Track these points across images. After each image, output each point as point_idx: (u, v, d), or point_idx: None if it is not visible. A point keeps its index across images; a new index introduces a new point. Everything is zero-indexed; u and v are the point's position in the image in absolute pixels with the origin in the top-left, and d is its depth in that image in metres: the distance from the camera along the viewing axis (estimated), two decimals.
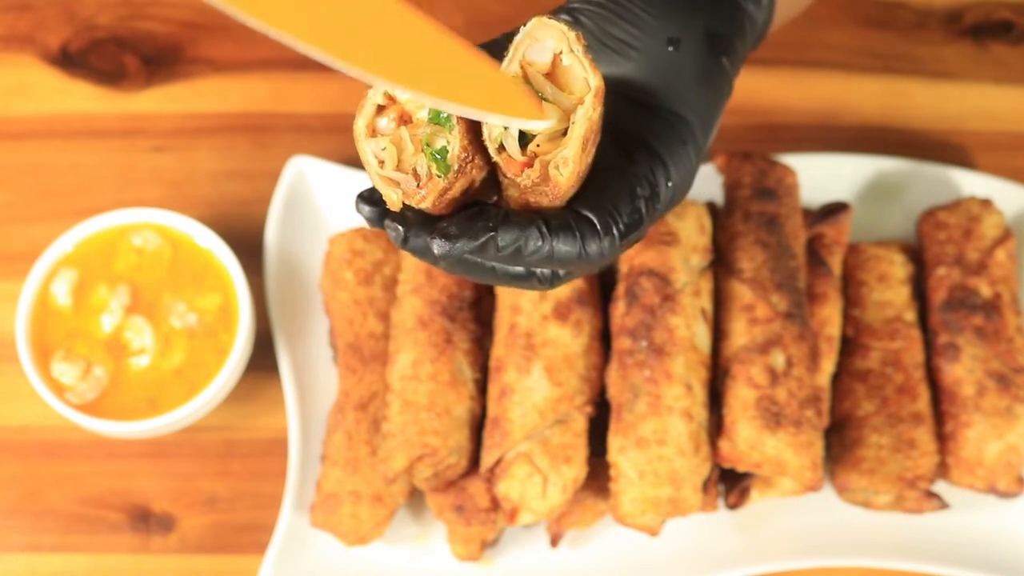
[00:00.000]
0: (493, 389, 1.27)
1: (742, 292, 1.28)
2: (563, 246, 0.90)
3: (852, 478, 1.30)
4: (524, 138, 0.87)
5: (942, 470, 1.32)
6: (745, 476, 1.30)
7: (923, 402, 1.32)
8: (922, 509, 1.32)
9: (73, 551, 1.36)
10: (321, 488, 1.31)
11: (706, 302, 1.28)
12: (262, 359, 1.40)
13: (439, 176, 0.86)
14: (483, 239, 0.88)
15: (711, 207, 1.36)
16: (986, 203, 1.38)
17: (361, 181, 1.44)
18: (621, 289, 1.28)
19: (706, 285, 1.29)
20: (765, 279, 1.28)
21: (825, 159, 1.44)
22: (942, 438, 1.32)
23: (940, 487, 1.34)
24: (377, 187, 0.89)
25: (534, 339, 1.26)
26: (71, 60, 1.54)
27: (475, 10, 1.57)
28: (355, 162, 1.48)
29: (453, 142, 0.86)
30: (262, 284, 1.41)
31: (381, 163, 0.88)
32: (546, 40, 0.87)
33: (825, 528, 1.33)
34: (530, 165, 0.87)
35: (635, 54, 0.97)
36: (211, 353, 1.34)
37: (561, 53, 0.87)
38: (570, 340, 1.26)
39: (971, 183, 1.44)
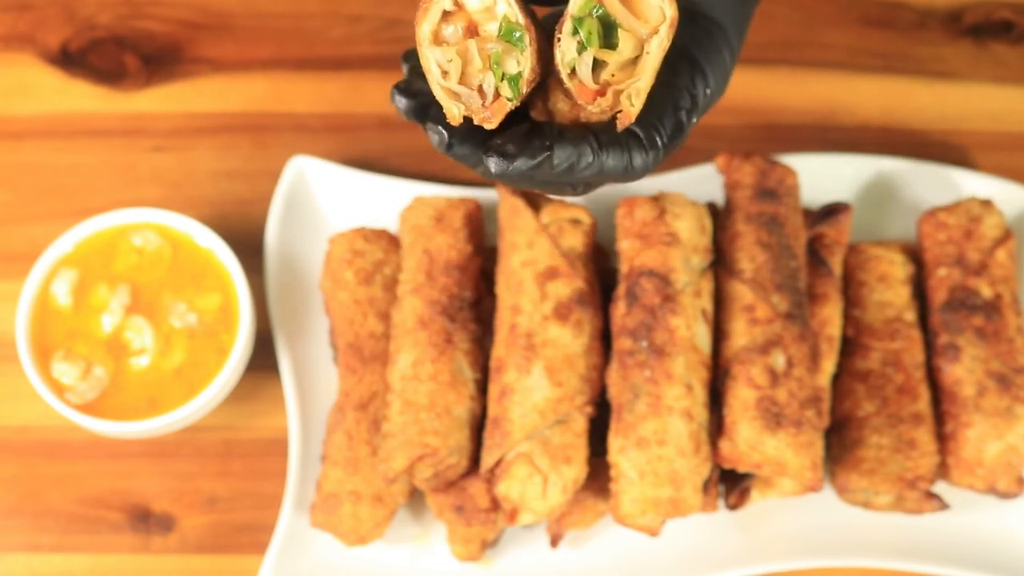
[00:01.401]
0: (493, 389, 1.27)
1: (743, 292, 1.29)
2: (612, 161, 0.90)
3: (852, 478, 1.30)
4: (596, 64, 0.86)
5: (942, 470, 1.32)
6: (745, 476, 1.30)
7: (923, 402, 1.32)
8: (922, 509, 1.32)
9: (73, 551, 1.36)
10: (321, 488, 1.31)
11: (707, 302, 1.28)
12: (262, 359, 1.40)
13: (509, 99, 0.85)
14: (540, 159, 0.89)
15: (712, 207, 1.36)
16: (987, 203, 1.38)
17: (362, 182, 1.44)
18: (621, 289, 1.28)
19: (707, 285, 1.29)
20: (765, 279, 1.28)
21: (825, 159, 1.44)
22: (942, 438, 1.32)
23: (940, 487, 1.34)
24: (438, 98, 0.86)
25: (534, 339, 1.26)
26: (71, 60, 1.54)
27: None
28: (356, 162, 1.48)
29: (525, 64, 0.85)
30: (262, 284, 1.41)
31: (445, 74, 0.86)
32: None
33: (825, 528, 1.33)
34: (602, 93, 0.86)
35: None
36: (211, 353, 1.34)
37: None
38: (570, 340, 1.26)
39: (971, 183, 1.44)
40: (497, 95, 0.86)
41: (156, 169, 1.49)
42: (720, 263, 1.31)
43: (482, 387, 1.30)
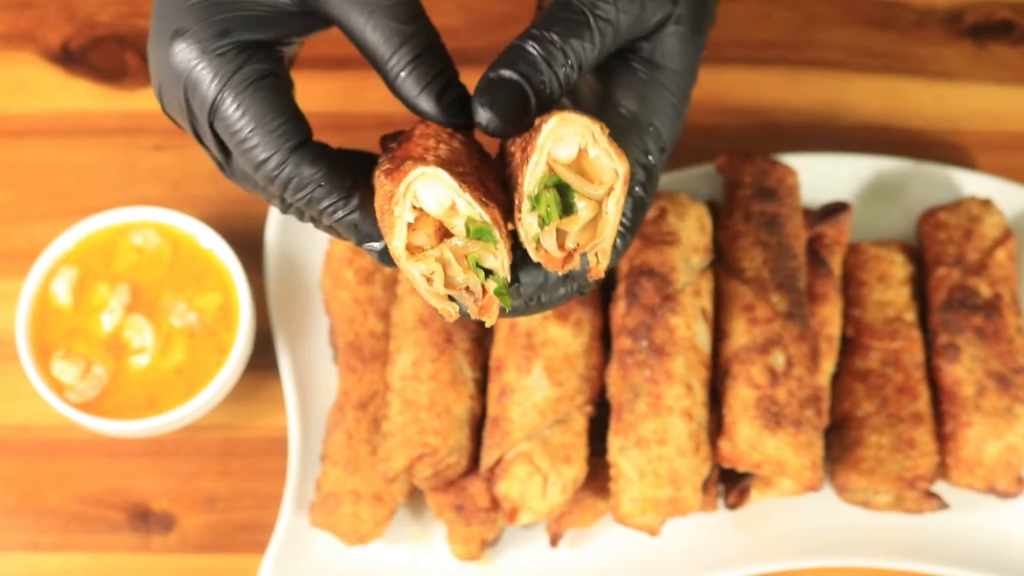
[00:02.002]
0: (493, 389, 1.27)
1: (742, 292, 1.29)
2: (581, 267, 0.92)
3: (852, 478, 1.31)
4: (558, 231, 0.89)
5: (942, 470, 1.32)
6: (745, 476, 1.30)
7: (923, 402, 1.33)
8: (922, 509, 1.32)
9: (73, 550, 1.36)
10: (321, 487, 1.31)
11: (706, 302, 1.28)
12: (262, 358, 1.40)
13: (498, 293, 0.88)
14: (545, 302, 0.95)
15: (712, 207, 1.36)
16: (986, 203, 1.38)
17: None
18: (621, 289, 1.28)
19: (706, 285, 1.29)
20: (765, 279, 1.28)
21: (825, 159, 1.44)
22: (942, 438, 1.32)
23: (940, 487, 1.34)
24: (430, 302, 0.90)
25: (534, 339, 1.26)
26: (72, 58, 1.54)
27: (476, 10, 1.57)
28: None
29: (501, 255, 0.88)
30: (262, 283, 1.41)
31: (430, 280, 0.88)
32: (570, 136, 0.87)
33: (825, 528, 1.33)
34: (569, 259, 0.89)
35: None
36: (211, 352, 1.34)
37: (587, 146, 0.87)
38: (570, 340, 1.26)
39: (971, 183, 1.44)
40: (485, 290, 0.89)
41: (156, 168, 1.49)
42: (720, 262, 1.31)
43: (482, 386, 1.30)
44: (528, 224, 0.87)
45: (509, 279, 0.89)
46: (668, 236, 1.27)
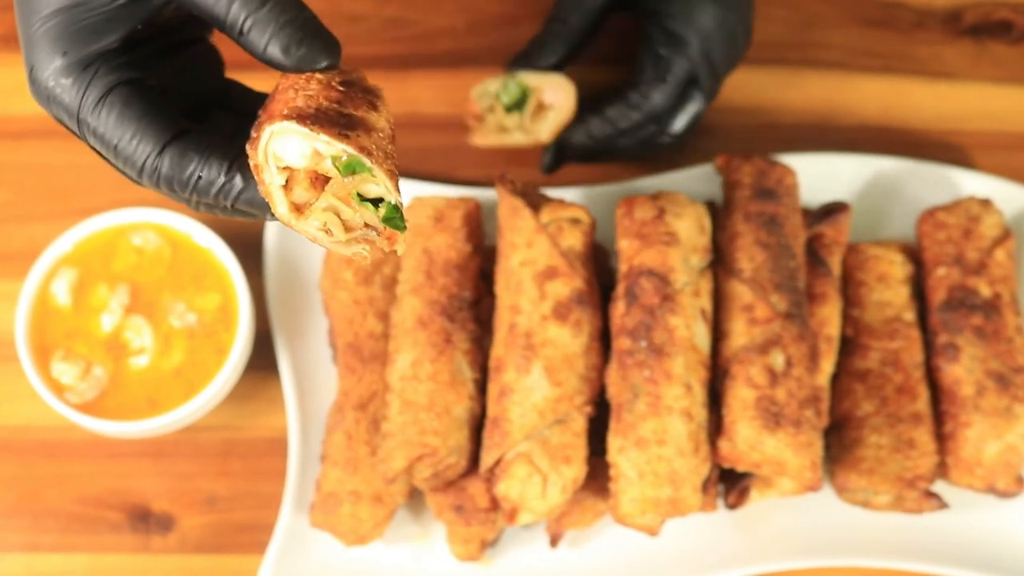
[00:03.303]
0: (493, 389, 1.27)
1: (742, 292, 1.29)
2: None
3: (851, 478, 1.30)
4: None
5: (941, 470, 1.32)
6: (745, 476, 1.30)
7: (922, 402, 1.33)
8: (921, 509, 1.32)
9: (73, 551, 1.36)
10: (321, 488, 1.31)
11: (706, 302, 1.28)
12: (262, 359, 1.40)
13: (388, 220, 0.87)
14: None
15: (711, 207, 1.36)
16: (986, 203, 1.38)
17: None
18: (621, 289, 1.28)
19: (706, 285, 1.29)
20: (765, 279, 1.28)
21: (825, 159, 1.44)
22: (941, 438, 1.32)
23: (940, 487, 1.34)
24: (339, 252, 0.89)
25: (534, 339, 1.26)
26: None
27: (475, 10, 1.57)
28: None
29: (384, 181, 0.86)
30: (262, 284, 1.41)
31: (329, 232, 0.88)
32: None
33: (825, 528, 1.33)
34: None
35: None
36: (211, 353, 1.34)
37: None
38: (570, 340, 1.26)
39: (971, 183, 1.44)
40: (383, 226, 0.88)
41: None
42: (719, 263, 1.31)
43: (481, 387, 1.30)
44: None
45: (399, 200, 0.87)
46: (667, 236, 1.27)
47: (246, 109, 0.97)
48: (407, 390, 1.27)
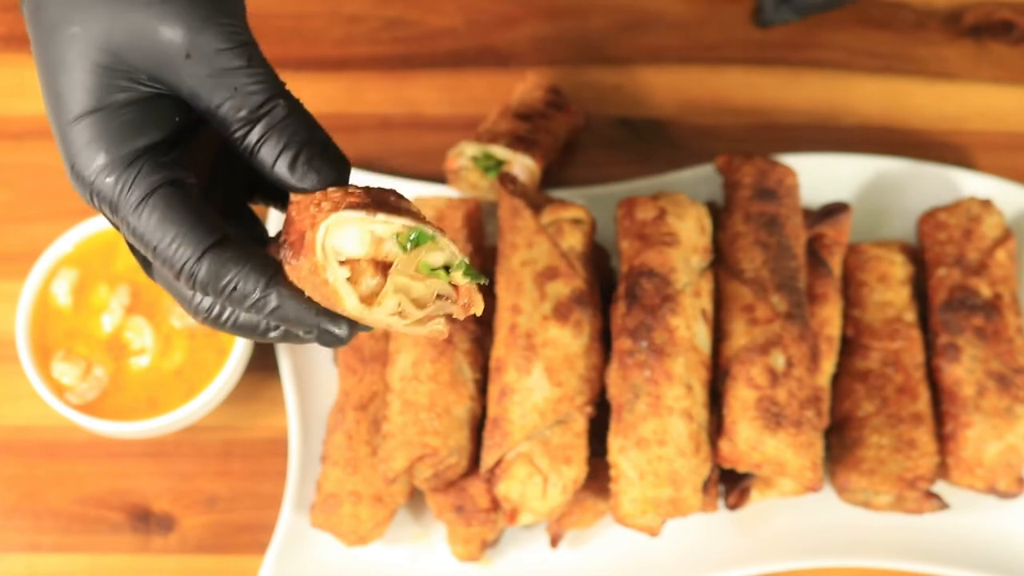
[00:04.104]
0: (493, 389, 1.27)
1: (742, 292, 1.28)
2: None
3: (852, 478, 1.30)
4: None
5: (942, 470, 1.32)
6: (745, 476, 1.30)
7: (923, 402, 1.32)
8: (922, 509, 1.32)
9: (73, 551, 1.36)
10: (321, 488, 1.31)
11: (706, 302, 1.28)
12: (262, 359, 1.40)
13: (471, 279, 0.86)
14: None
15: (711, 207, 1.36)
16: (986, 203, 1.38)
17: (362, 182, 1.44)
18: (621, 289, 1.28)
19: (706, 285, 1.29)
20: (765, 279, 1.28)
21: (825, 159, 1.44)
22: (942, 438, 1.32)
23: (940, 487, 1.34)
24: (419, 335, 0.88)
25: (534, 339, 1.26)
26: None
27: (475, 10, 1.57)
28: (355, 162, 1.48)
29: (445, 245, 0.85)
30: None
31: (403, 315, 0.86)
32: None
33: (825, 528, 1.33)
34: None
35: None
36: (211, 353, 1.34)
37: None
38: (570, 340, 1.26)
39: (971, 183, 1.44)
40: (459, 287, 0.86)
41: None
42: (720, 263, 1.31)
43: (482, 387, 1.30)
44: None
45: (463, 258, 0.86)
46: (668, 237, 1.27)
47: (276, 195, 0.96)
48: (408, 390, 1.27)
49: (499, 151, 1.39)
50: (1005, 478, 1.29)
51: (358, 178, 1.44)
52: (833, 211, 1.37)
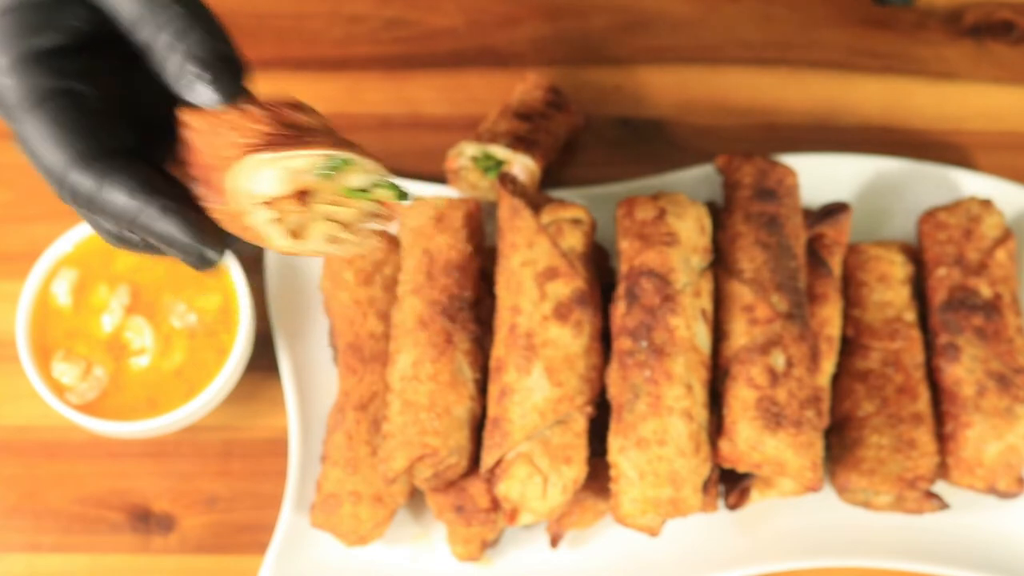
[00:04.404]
0: (493, 389, 1.27)
1: (742, 292, 1.28)
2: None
3: (852, 478, 1.30)
4: None
5: (942, 470, 1.32)
6: (745, 476, 1.30)
7: (923, 402, 1.32)
8: (922, 509, 1.32)
9: (73, 551, 1.36)
10: (321, 488, 1.31)
11: (706, 302, 1.28)
12: (262, 359, 1.40)
13: (394, 194, 0.85)
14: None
15: (711, 207, 1.36)
16: (986, 203, 1.38)
17: None
18: (621, 289, 1.28)
19: (706, 285, 1.29)
20: (765, 279, 1.28)
21: (825, 159, 1.44)
22: (942, 438, 1.32)
23: (940, 487, 1.34)
24: (356, 254, 0.87)
25: (534, 339, 1.26)
26: None
27: (476, 10, 1.57)
28: None
29: (361, 163, 0.84)
30: (262, 284, 1.41)
31: (335, 240, 0.85)
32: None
33: (825, 528, 1.33)
34: None
35: None
36: (211, 353, 1.34)
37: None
38: (570, 340, 1.26)
39: (971, 183, 1.44)
40: (388, 204, 0.86)
41: None
42: (720, 263, 1.31)
43: (482, 387, 1.30)
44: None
45: (385, 175, 0.85)
46: (667, 237, 1.27)
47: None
48: (408, 390, 1.27)
49: (499, 151, 1.39)
50: (1005, 478, 1.29)
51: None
52: (833, 211, 1.37)
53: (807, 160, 1.43)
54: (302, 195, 0.84)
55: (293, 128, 0.84)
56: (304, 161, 0.83)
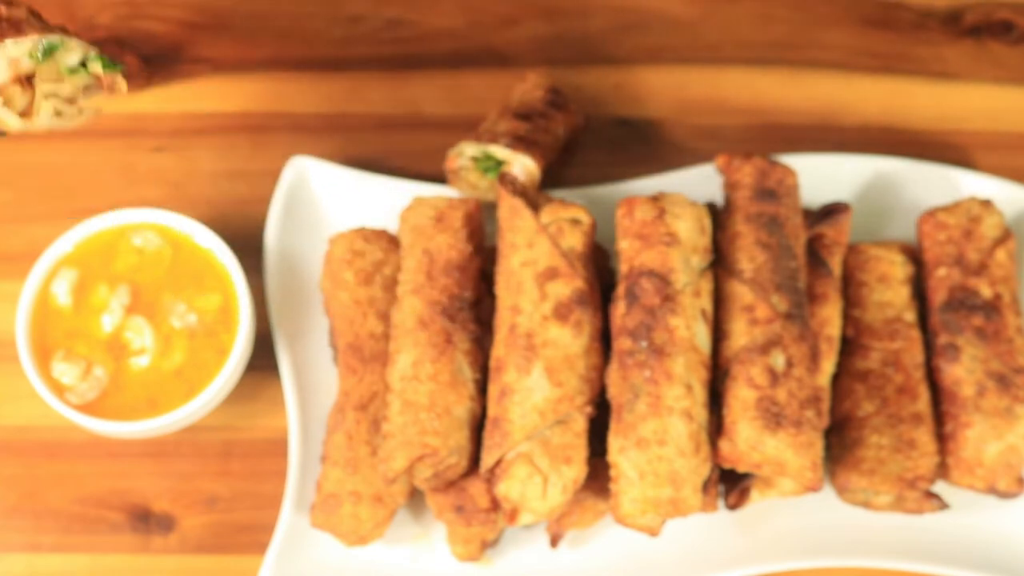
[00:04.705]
0: (493, 389, 1.27)
1: (742, 292, 1.28)
2: None
3: (852, 478, 1.30)
4: None
5: (942, 470, 1.32)
6: (745, 476, 1.30)
7: (923, 402, 1.33)
8: (922, 509, 1.32)
9: (73, 551, 1.36)
10: (321, 488, 1.31)
11: (706, 302, 1.28)
12: (262, 359, 1.40)
13: (107, 68, 0.92)
14: None
15: (711, 208, 1.36)
16: (986, 203, 1.38)
17: (362, 182, 1.44)
18: (621, 290, 1.28)
19: (706, 285, 1.29)
20: (765, 280, 1.28)
21: (825, 159, 1.44)
22: (942, 438, 1.32)
23: (940, 487, 1.34)
24: (74, 125, 0.94)
25: (534, 339, 1.26)
26: None
27: (476, 10, 1.57)
28: (355, 162, 1.48)
29: (73, 44, 0.92)
30: (262, 284, 1.41)
31: (62, 116, 0.93)
32: None
33: (825, 528, 1.33)
34: None
35: None
36: (211, 353, 1.34)
37: None
38: (570, 340, 1.26)
39: (971, 183, 1.44)
40: (100, 79, 0.93)
41: (156, 169, 1.49)
42: (720, 263, 1.31)
43: (482, 387, 1.30)
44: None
45: (92, 47, 0.91)
46: (667, 237, 1.27)
47: None
48: (408, 390, 1.27)
49: (499, 151, 1.39)
50: (1005, 478, 1.29)
51: (358, 178, 1.44)
52: (833, 211, 1.37)
53: (807, 160, 1.43)
54: (26, 79, 0.91)
55: (5, 22, 0.91)
56: (19, 48, 0.90)
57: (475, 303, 1.32)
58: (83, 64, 0.94)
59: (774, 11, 1.57)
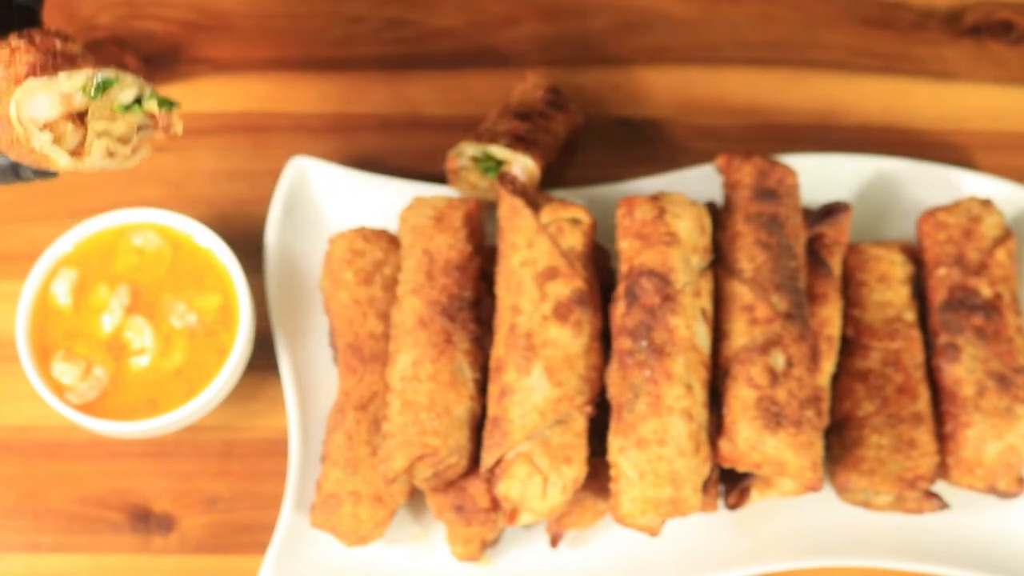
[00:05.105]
0: (493, 389, 1.27)
1: (742, 292, 1.28)
2: None
3: (852, 478, 1.30)
4: None
5: (942, 470, 1.32)
6: (745, 476, 1.30)
7: (923, 402, 1.32)
8: (922, 509, 1.32)
9: (73, 551, 1.36)
10: (321, 488, 1.31)
11: (706, 302, 1.28)
12: (262, 359, 1.40)
13: (169, 105, 0.92)
14: None
15: (711, 207, 1.36)
16: (986, 203, 1.38)
17: (362, 182, 1.44)
18: (621, 289, 1.28)
19: (706, 285, 1.29)
20: (765, 279, 1.28)
21: (825, 159, 1.44)
22: (942, 438, 1.32)
23: (940, 487, 1.34)
24: (135, 162, 0.94)
25: (534, 339, 1.26)
26: None
27: (475, 10, 1.57)
28: (355, 162, 1.48)
29: (127, 80, 0.91)
30: (262, 284, 1.41)
31: (113, 155, 0.93)
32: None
33: (825, 528, 1.33)
34: None
35: None
36: (211, 353, 1.34)
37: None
38: (570, 340, 1.26)
39: (971, 183, 1.44)
40: (154, 117, 0.93)
41: (156, 169, 1.49)
42: (720, 263, 1.31)
43: (482, 387, 1.30)
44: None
45: (148, 87, 0.91)
46: (668, 236, 1.27)
47: None
48: (408, 390, 1.27)
49: (499, 151, 1.39)
50: (1005, 478, 1.29)
51: (358, 178, 1.44)
52: (833, 211, 1.37)
53: (807, 160, 1.43)
54: (78, 116, 0.90)
55: (60, 56, 0.90)
56: (74, 83, 0.89)
57: (475, 303, 1.33)
58: (138, 101, 0.93)
59: (774, 11, 1.57)
